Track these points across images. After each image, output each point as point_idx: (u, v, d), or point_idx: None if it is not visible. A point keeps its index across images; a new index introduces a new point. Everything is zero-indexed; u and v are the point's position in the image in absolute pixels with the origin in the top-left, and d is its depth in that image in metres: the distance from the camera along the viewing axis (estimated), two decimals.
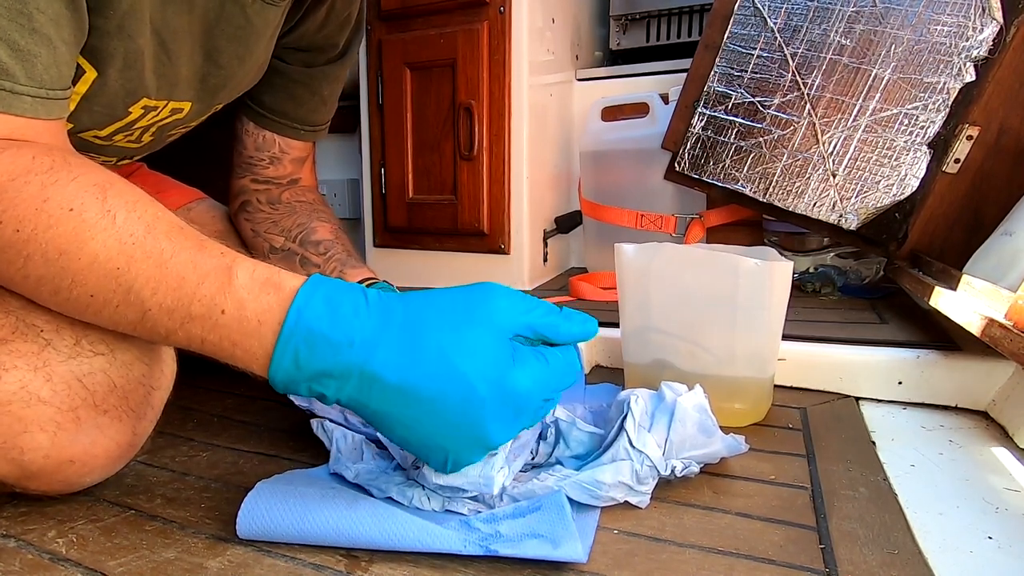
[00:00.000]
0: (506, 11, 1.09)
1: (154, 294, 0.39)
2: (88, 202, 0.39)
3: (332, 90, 0.76)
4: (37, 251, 0.39)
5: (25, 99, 0.40)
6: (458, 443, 0.40)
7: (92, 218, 0.39)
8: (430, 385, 0.38)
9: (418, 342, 0.39)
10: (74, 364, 0.43)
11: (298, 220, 0.73)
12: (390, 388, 0.38)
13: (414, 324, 0.39)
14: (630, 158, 1.17)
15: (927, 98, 0.82)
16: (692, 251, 0.63)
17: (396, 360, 0.38)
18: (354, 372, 0.38)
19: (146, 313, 0.40)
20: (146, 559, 0.40)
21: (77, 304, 0.40)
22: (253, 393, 0.75)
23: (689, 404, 0.49)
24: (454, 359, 0.38)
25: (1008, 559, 0.40)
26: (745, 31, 0.95)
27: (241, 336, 0.39)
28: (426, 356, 0.38)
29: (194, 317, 0.39)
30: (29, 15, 0.39)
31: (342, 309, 0.39)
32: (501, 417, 0.39)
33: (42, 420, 0.42)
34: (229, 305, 0.39)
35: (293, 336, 0.38)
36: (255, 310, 0.39)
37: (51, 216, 0.39)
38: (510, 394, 0.39)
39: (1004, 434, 0.60)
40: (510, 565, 0.39)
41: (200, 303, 0.39)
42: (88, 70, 0.49)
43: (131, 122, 0.57)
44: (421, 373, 0.38)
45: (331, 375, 0.39)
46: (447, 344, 0.38)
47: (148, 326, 0.40)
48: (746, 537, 0.42)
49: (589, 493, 0.45)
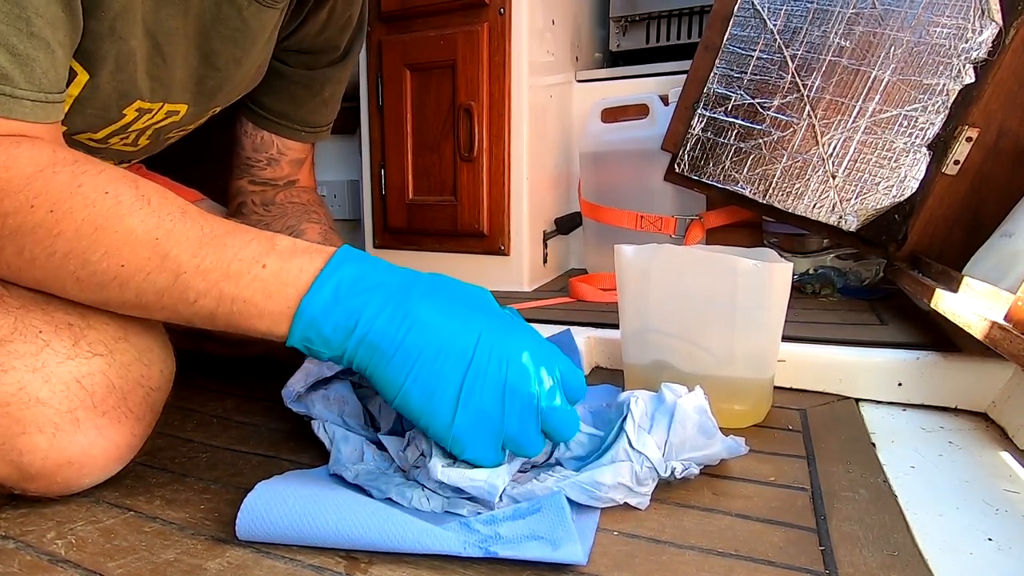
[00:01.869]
0: (506, 12, 1.09)
1: (193, 256, 0.41)
2: (122, 188, 0.41)
3: (334, 91, 0.76)
4: (70, 227, 0.40)
5: (25, 103, 0.40)
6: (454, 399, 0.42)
7: (128, 200, 0.41)
8: (457, 324, 0.42)
9: (447, 294, 0.44)
10: (73, 365, 0.43)
11: (287, 223, 0.73)
12: (426, 322, 0.42)
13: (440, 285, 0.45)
14: (630, 159, 1.17)
15: (926, 100, 0.82)
16: (692, 252, 0.63)
17: (430, 301, 0.43)
18: (393, 299, 0.42)
19: (179, 276, 0.41)
20: (145, 560, 0.40)
21: (102, 277, 0.41)
22: (253, 394, 0.75)
23: (689, 406, 0.49)
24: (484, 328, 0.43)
25: (1008, 560, 0.40)
26: (745, 33, 0.95)
27: (278, 286, 0.42)
28: (457, 307, 0.44)
29: (231, 275, 0.41)
30: (27, 19, 0.39)
31: (382, 263, 0.45)
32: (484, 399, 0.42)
33: (41, 421, 0.42)
34: (272, 260, 0.42)
35: (340, 268, 0.42)
36: (298, 263, 0.42)
37: (87, 198, 0.40)
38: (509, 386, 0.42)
39: (1004, 436, 0.60)
40: (510, 567, 0.39)
41: (240, 261, 0.41)
42: (80, 72, 0.49)
43: (125, 125, 0.56)
44: (452, 313, 0.43)
45: (370, 303, 0.42)
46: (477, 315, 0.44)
47: (177, 291, 0.41)
48: (746, 538, 0.42)
49: (589, 494, 0.45)
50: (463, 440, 0.42)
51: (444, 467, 0.44)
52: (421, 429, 0.44)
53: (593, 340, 0.83)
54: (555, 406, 0.43)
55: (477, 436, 0.42)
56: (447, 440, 0.42)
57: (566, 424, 0.44)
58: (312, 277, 0.42)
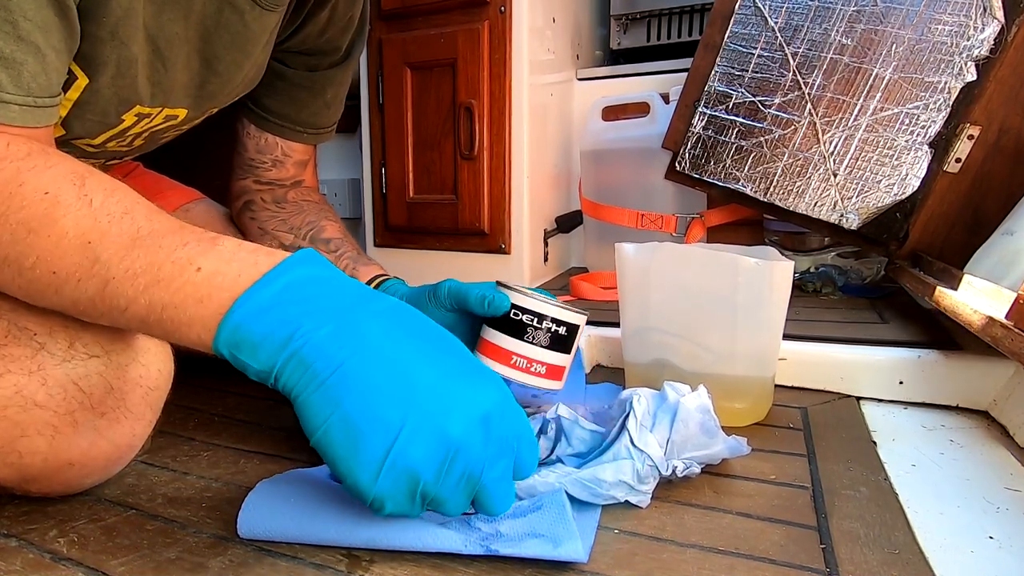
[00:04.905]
0: (506, 11, 1.09)
1: (122, 260, 0.37)
2: (64, 187, 0.39)
3: (336, 93, 0.76)
4: (5, 231, 0.38)
5: (12, 107, 0.40)
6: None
7: (67, 200, 0.38)
8: (411, 358, 0.37)
9: (409, 324, 0.38)
10: (69, 367, 0.42)
11: (307, 218, 0.73)
12: (375, 348, 0.36)
13: (402, 317, 0.39)
14: (631, 157, 1.17)
15: (928, 97, 0.82)
16: (693, 251, 0.63)
17: (385, 325, 0.37)
18: (341, 315, 0.36)
19: (108, 283, 0.37)
20: (147, 558, 0.40)
21: (38, 284, 0.39)
22: (254, 393, 0.75)
23: (692, 405, 0.49)
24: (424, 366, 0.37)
25: (1009, 558, 0.40)
26: (746, 30, 0.95)
27: (211, 290, 0.36)
28: (416, 340, 0.38)
29: (162, 279, 0.37)
30: (14, 23, 0.39)
31: (341, 275, 0.39)
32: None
33: (39, 424, 0.42)
34: (208, 262, 0.37)
35: (287, 272, 0.37)
36: (238, 267, 0.37)
37: (24, 199, 0.38)
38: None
39: (1005, 434, 0.60)
40: (511, 565, 0.39)
41: (174, 263, 0.37)
42: (80, 76, 0.49)
43: (124, 130, 0.56)
44: (408, 345, 0.37)
45: (312, 313, 0.36)
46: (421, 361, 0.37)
47: (107, 298, 0.38)
48: (747, 537, 0.42)
49: (590, 491, 0.45)
50: (383, 499, 0.36)
51: None
52: (338, 475, 0.37)
53: (594, 338, 0.83)
54: (498, 481, 0.37)
55: (400, 497, 0.36)
56: (367, 495, 0.36)
57: (500, 501, 0.38)
58: (251, 281, 0.37)
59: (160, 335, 0.39)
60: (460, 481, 0.36)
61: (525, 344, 0.53)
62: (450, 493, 0.36)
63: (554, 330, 0.53)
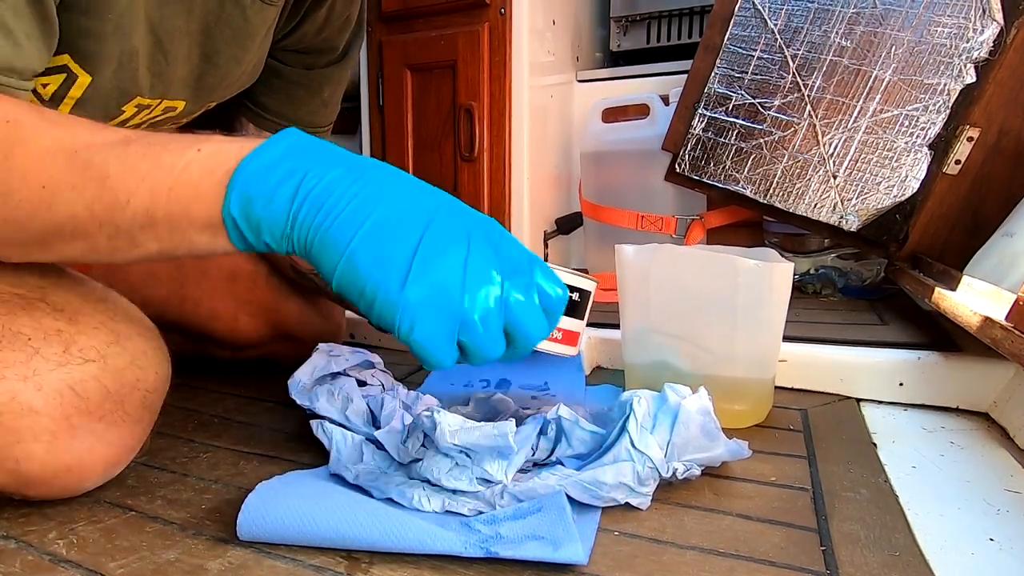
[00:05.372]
0: (507, 13, 1.09)
1: (117, 157, 0.37)
2: (24, 113, 0.38)
3: (333, 92, 0.76)
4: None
5: None
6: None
7: (32, 122, 0.37)
8: (419, 192, 0.37)
9: (412, 179, 0.39)
10: (64, 372, 0.42)
11: None
12: (383, 183, 0.37)
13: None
14: (630, 159, 1.17)
15: (927, 99, 0.82)
16: (692, 252, 0.63)
17: (389, 173, 0.38)
18: (347, 162, 0.37)
19: (106, 180, 0.36)
20: (147, 560, 0.40)
21: (27, 205, 0.37)
22: (254, 395, 0.75)
23: (693, 407, 0.49)
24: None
25: (1010, 561, 0.40)
26: (745, 33, 0.95)
27: (217, 162, 0.36)
28: (422, 184, 0.38)
29: (163, 165, 0.36)
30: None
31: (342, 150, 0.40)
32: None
33: (36, 430, 0.41)
34: (208, 144, 0.37)
35: (289, 136, 0.37)
36: (239, 144, 0.37)
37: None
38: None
39: (1005, 435, 0.60)
40: (511, 567, 0.39)
41: (172, 152, 0.37)
42: (81, 75, 0.49)
43: (123, 121, 0.56)
44: (416, 185, 0.38)
45: (321, 161, 0.36)
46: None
47: (107, 197, 0.37)
48: (747, 539, 0.42)
49: (590, 493, 0.45)
50: (413, 311, 0.35)
51: (452, 432, 0.44)
52: (366, 306, 0.36)
53: (594, 340, 0.83)
54: (522, 301, 0.36)
55: (430, 312, 0.35)
56: (396, 310, 0.35)
57: (535, 324, 0.37)
58: (254, 148, 0.37)
59: (166, 229, 0.37)
60: (486, 298, 0.35)
61: None
62: (480, 313, 0.35)
63: (569, 297, 0.55)
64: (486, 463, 0.45)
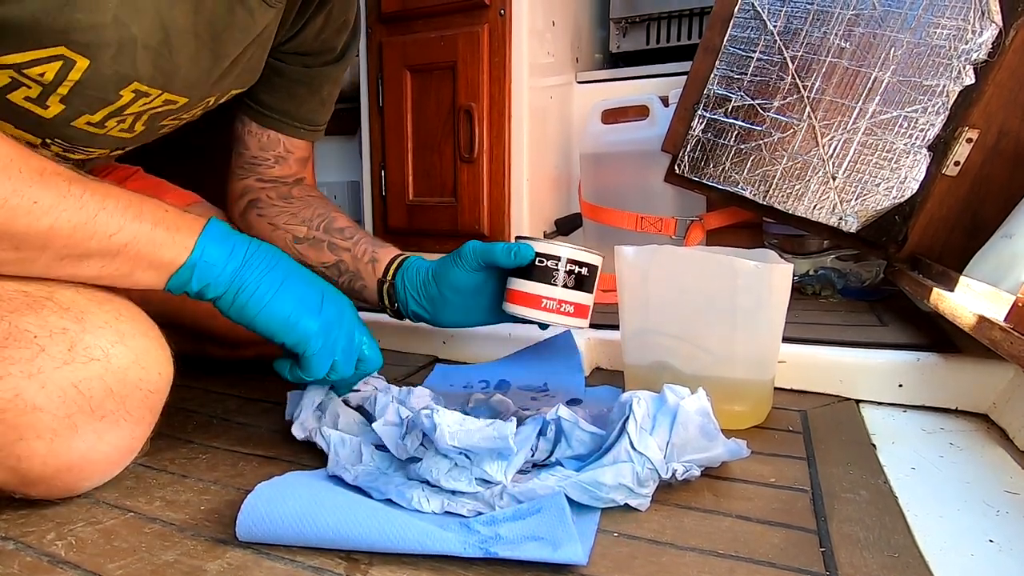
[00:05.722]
0: (506, 14, 1.09)
1: (103, 209, 0.45)
2: None
3: (331, 91, 0.77)
4: None
5: None
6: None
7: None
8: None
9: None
10: (68, 371, 0.42)
11: (317, 211, 0.74)
12: (290, 269, 0.54)
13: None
14: (630, 160, 1.17)
15: (926, 101, 0.82)
16: (692, 253, 0.63)
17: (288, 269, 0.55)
18: (272, 252, 0.53)
19: (100, 212, 0.45)
20: (145, 561, 0.40)
21: (17, 210, 0.41)
22: (253, 396, 0.75)
23: (692, 407, 0.49)
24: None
25: (1009, 561, 0.40)
26: (745, 34, 0.95)
27: (183, 223, 0.49)
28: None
29: (144, 213, 0.47)
30: None
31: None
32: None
33: (38, 428, 0.41)
34: (172, 209, 0.50)
35: (219, 224, 0.52)
36: (193, 217, 0.51)
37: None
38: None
39: (1004, 437, 0.60)
40: (510, 567, 0.39)
41: (148, 208, 0.47)
42: (79, 59, 0.50)
43: (122, 107, 0.57)
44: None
45: (246, 243, 0.52)
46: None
47: (101, 222, 0.45)
48: (746, 540, 0.42)
49: (590, 494, 0.45)
50: (318, 337, 0.54)
51: (451, 434, 0.44)
52: (280, 328, 0.53)
53: (593, 341, 0.83)
54: (365, 343, 0.58)
55: (320, 339, 0.54)
56: (314, 320, 0.53)
57: (374, 358, 0.59)
58: (203, 224, 0.51)
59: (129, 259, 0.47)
60: (348, 339, 0.56)
61: (552, 287, 0.57)
62: (345, 344, 0.56)
63: (577, 271, 0.58)
64: (485, 464, 0.45)
